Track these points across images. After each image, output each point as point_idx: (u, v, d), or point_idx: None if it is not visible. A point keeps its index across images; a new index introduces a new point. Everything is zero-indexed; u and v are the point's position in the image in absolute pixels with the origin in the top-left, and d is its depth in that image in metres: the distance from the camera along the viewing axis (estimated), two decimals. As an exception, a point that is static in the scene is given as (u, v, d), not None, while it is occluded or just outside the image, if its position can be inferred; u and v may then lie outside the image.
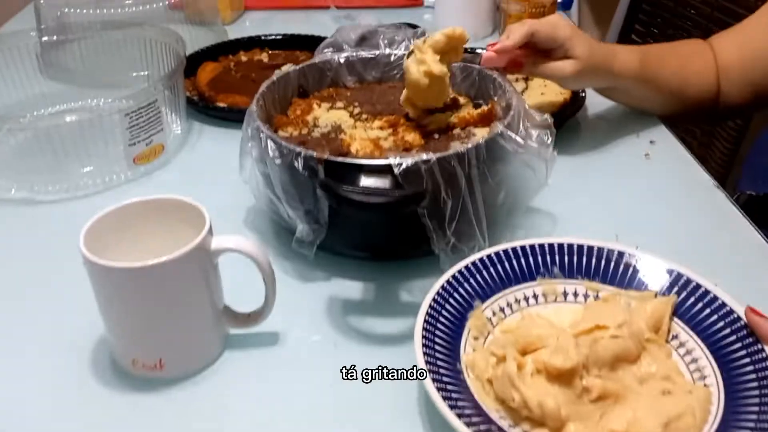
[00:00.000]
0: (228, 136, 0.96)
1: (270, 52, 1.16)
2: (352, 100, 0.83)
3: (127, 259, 0.55)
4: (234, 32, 1.32)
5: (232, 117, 0.98)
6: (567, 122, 0.94)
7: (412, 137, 0.76)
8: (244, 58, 1.10)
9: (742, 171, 1.05)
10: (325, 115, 0.79)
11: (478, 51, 0.89)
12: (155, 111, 0.84)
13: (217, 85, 1.03)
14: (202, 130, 0.99)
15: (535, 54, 0.82)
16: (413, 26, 0.97)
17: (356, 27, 0.88)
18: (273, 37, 1.19)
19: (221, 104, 0.99)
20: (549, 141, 0.72)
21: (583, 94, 0.97)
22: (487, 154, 0.67)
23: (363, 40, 0.87)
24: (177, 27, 1.23)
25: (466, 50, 0.78)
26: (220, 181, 0.84)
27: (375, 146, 0.74)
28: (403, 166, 0.62)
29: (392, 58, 0.86)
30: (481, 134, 0.78)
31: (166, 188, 0.62)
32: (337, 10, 1.42)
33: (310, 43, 1.18)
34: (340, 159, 0.64)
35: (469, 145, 0.66)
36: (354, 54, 0.85)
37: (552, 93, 0.98)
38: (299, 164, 0.64)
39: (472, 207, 0.66)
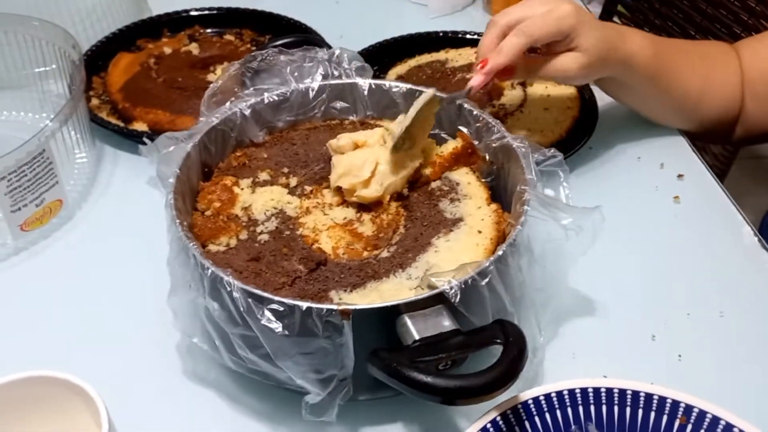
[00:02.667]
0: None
1: (201, 33, 0.93)
2: (276, 165, 0.62)
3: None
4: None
5: (155, 142, 0.77)
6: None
7: (391, 209, 0.59)
8: (167, 50, 0.87)
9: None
10: (257, 201, 0.59)
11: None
12: (45, 163, 0.63)
13: (133, 92, 0.80)
14: (117, 159, 0.77)
15: (528, 53, 0.64)
16: (316, 43, 0.75)
17: (251, 58, 0.65)
18: (206, 12, 0.95)
19: (140, 126, 0.77)
20: (563, 178, 0.58)
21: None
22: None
23: (257, 75, 0.65)
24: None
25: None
26: (140, 237, 0.64)
27: (353, 236, 0.57)
28: (457, 290, 0.47)
29: (311, 94, 0.65)
30: (467, 180, 0.60)
31: (66, 258, 0.51)
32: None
33: (252, 19, 0.95)
34: (373, 306, 0.47)
35: (519, 226, 0.52)
36: (262, 98, 0.63)
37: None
38: (317, 326, 0.45)
39: (530, 303, 0.54)
